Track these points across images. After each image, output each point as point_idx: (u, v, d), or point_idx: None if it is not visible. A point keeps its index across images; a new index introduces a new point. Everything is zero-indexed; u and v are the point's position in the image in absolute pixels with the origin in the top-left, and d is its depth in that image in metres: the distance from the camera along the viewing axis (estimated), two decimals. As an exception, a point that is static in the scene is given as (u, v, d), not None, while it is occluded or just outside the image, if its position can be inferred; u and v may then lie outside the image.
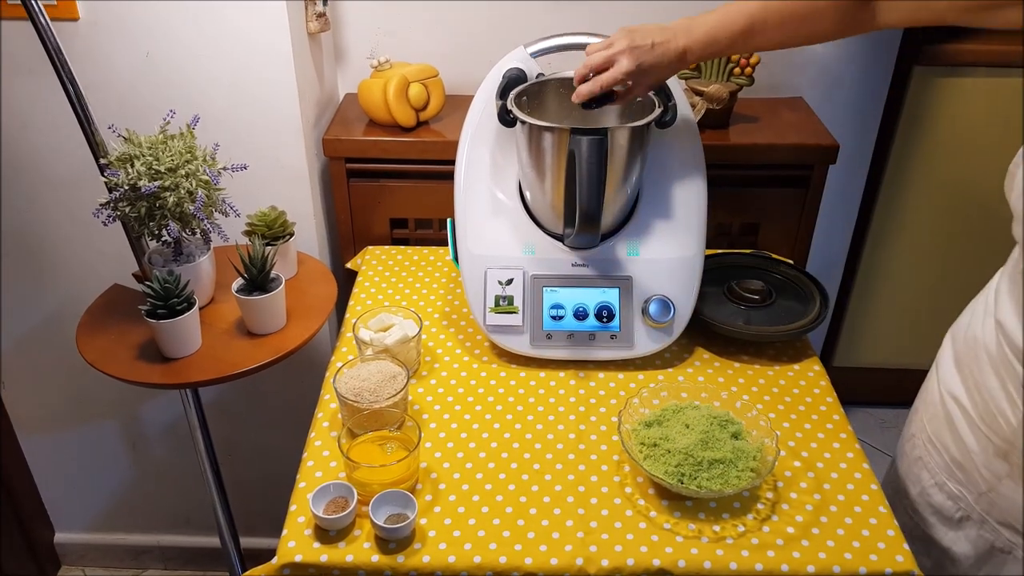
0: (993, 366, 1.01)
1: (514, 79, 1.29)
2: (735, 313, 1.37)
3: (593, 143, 1.14)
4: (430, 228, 1.69)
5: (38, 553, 2.09)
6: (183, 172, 1.25)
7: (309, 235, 1.66)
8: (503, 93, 1.27)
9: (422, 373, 1.30)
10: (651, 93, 1.24)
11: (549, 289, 1.30)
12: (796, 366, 1.32)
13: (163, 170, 1.24)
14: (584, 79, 1.18)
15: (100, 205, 1.26)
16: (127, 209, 1.26)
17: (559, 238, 1.31)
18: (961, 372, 1.09)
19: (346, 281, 1.59)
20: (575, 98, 1.18)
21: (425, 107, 1.61)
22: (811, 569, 0.99)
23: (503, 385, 1.27)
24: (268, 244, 1.41)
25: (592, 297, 1.29)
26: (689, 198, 1.33)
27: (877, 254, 2.20)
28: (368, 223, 1.67)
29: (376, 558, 1.00)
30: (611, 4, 1.65)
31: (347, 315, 1.44)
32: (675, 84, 1.29)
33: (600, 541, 1.02)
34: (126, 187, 1.24)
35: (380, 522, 1.01)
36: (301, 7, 1.51)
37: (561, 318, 1.29)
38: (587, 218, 1.18)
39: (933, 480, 1.13)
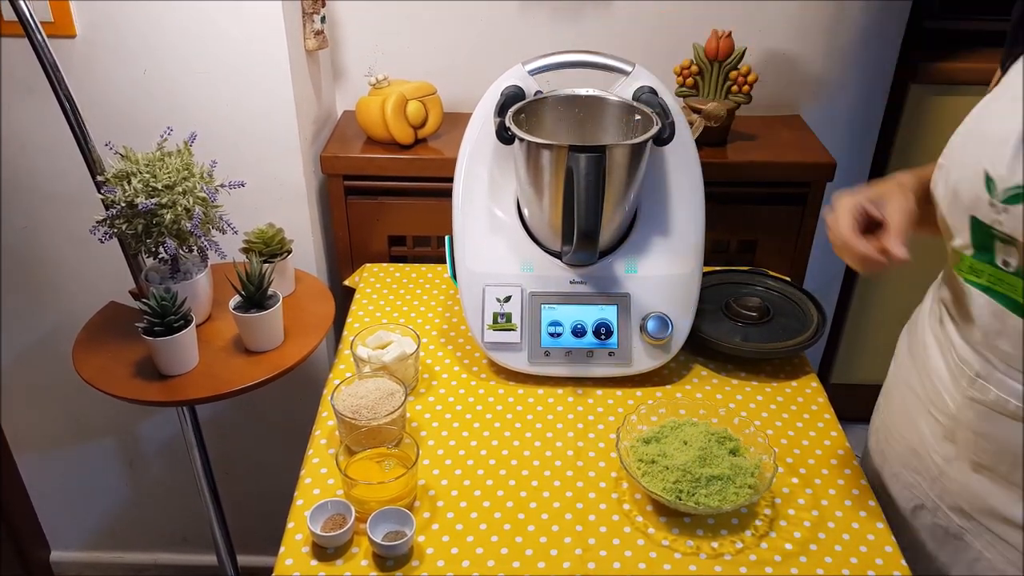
0: (939, 345, 1.03)
1: (512, 96, 1.29)
2: (733, 330, 1.37)
3: (591, 160, 1.14)
4: (428, 245, 1.69)
5: (34, 572, 2.08)
6: (180, 189, 1.25)
7: (307, 252, 1.66)
8: (501, 110, 1.27)
9: (420, 390, 1.30)
10: (649, 110, 1.24)
11: (547, 306, 1.30)
12: (794, 383, 1.32)
13: (160, 187, 1.24)
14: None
15: (97, 222, 1.26)
16: (124, 226, 1.26)
17: (557, 255, 1.31)
18: (914, 358, 1.10)
19: (344, 298, 1.59)
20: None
21: (423, 124, 1.61)
22: (810, 587, 0.99)
23: (501, 402, 1.27)
24: (266, 261, 1.41)
25: (590, 314, 1.29)
26: (687, 215, 1.33)
27: (874, 271, 2.20)
28: (366, 240, 1.67)
29: (374, 575, 1.00)
30: (609, 23, 1.66)
31: (345, 332, 1.44)
32: (673, 102, 1.29)
33: (598, 558, 1.02)
34: (123, 204, 1.24)
35: (378, 539, 1.01)
36: (299, 24, 1.51)
37: (559, 335, 1.29)
38: (585, 235, 1.18)
39: (892, 472, 1.16)
